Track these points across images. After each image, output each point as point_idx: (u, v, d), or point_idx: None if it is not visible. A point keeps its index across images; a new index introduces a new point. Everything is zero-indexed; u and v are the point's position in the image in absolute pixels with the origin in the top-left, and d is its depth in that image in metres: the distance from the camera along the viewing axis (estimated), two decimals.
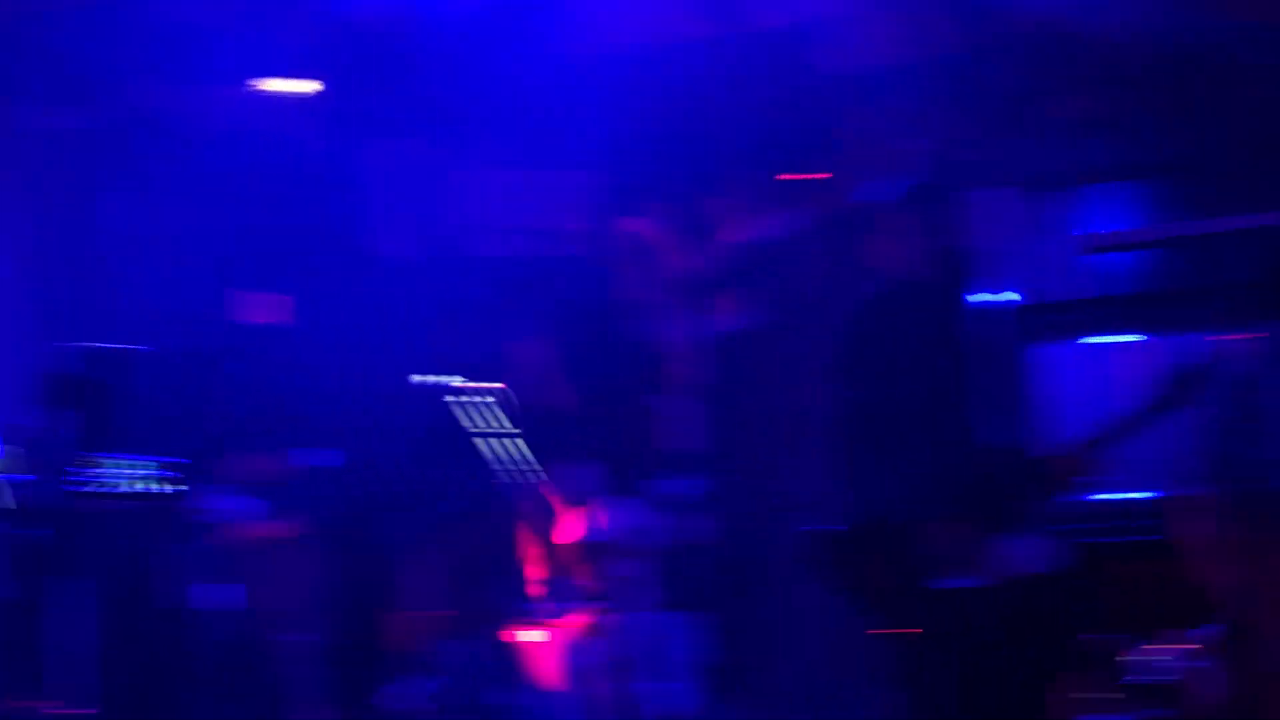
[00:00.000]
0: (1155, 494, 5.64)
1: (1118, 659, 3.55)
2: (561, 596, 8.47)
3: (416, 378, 6.56)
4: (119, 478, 7.95)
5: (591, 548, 8.24)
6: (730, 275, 8.30)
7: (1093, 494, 5.81)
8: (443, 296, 8.81)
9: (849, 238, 6.47)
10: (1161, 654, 3.54)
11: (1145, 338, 6.09)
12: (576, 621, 8.21)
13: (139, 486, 8.06)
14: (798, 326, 6.22)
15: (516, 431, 6.34)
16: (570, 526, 8.13)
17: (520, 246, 9.71)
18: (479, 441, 6.42)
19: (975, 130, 7.41)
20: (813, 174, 9.17)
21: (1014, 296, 6.32)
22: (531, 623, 7.43)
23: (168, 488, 8.09)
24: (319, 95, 8.97)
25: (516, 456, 6.51)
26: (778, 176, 9.43)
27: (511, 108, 9.12)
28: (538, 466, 6.33)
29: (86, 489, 7.80)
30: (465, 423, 6.57)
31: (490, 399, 6.57)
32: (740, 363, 6.75)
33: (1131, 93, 7.19)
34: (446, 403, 6.66)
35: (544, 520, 6.85)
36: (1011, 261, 6.32)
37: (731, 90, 9.17)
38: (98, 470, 7.89)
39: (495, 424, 6.52)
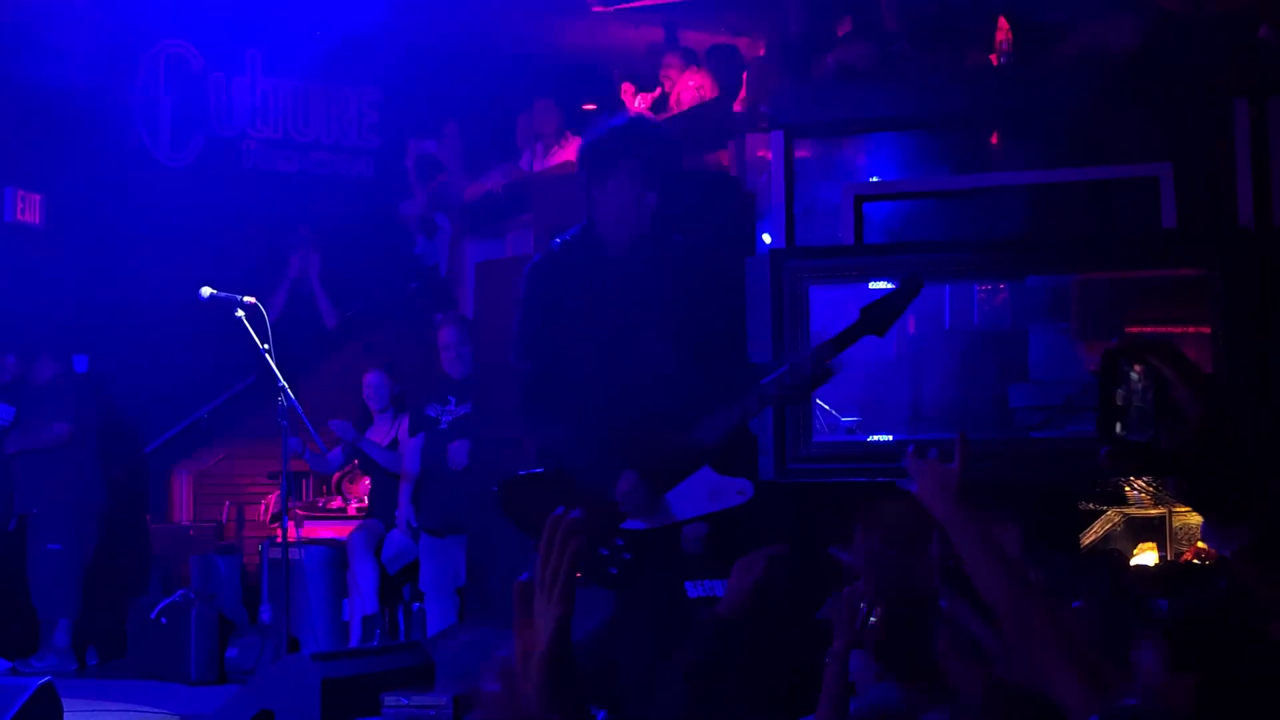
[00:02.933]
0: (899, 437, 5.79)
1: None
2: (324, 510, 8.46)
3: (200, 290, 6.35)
4: None
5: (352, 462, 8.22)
6: (516, 201, 8.30)
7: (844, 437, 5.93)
8: (218, 206, 8.65)
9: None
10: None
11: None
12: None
13: None
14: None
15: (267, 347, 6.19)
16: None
17: (304, 161, 9.57)
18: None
19: (755, 74, 7.48)
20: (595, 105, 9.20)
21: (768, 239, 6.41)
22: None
23: None
24: None
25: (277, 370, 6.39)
26: (583, 107, 9.43)
27: (299, 15, 8.96)
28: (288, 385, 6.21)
29: None
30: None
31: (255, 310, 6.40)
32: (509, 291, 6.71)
33: (909, 44, 7.31)
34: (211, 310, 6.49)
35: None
36: (782, 206, 6.39)
37: (528, 17, 9.13)
38: None
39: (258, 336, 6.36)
